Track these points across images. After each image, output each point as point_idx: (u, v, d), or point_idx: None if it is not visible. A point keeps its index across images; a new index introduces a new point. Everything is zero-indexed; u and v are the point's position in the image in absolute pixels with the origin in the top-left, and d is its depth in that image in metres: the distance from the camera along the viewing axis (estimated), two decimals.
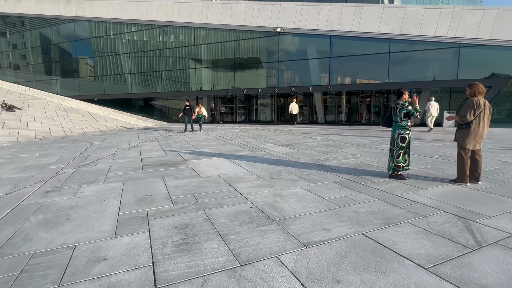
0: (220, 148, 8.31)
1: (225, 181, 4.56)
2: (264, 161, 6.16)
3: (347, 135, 11.48)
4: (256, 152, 7.49)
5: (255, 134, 12.36)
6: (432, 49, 14.73)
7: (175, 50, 21.84)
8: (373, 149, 7.65)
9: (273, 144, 9.04)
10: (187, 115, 13.66)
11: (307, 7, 16.80)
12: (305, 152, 7.29)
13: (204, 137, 11.33)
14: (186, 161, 6.28)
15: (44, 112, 16.88)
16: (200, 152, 7.55)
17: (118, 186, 4.39)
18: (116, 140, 10.59)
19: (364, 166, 5.58)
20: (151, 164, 6.08)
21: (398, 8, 14.91)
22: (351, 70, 17.30)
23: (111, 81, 25.05)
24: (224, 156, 6.93)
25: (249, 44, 19.44)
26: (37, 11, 26.35)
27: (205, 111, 14.31)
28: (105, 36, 24.02)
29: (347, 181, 4.46)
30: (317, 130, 14.00)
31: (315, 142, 9.41)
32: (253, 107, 23.64)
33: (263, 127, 17.03)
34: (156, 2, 21.22)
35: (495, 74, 14.25)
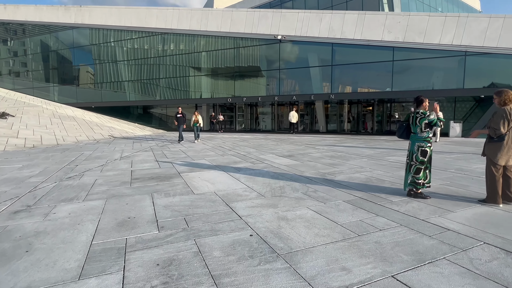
0: (218, 159, 7.78)
1: (222, 199, 4.02)
2: (265, 175, 5.62)
3: (351, 146, 10.97)
4: (257, 164, 6.96)
5: (255, 144, 11.84)
6: (436, 57, 14.38)
7: (174, 57, 21.53)
8: (382, 161, 7.12)
9: (274, 155, 8.51)
10: (180, 123, 12.81)
11: (308, 14, 16.54)
12: (309, 165, 6.76)
13: (202, 147, 10.81)
14: (180, 174, 5.74)
15: (38, 120, 16.39)
16: (196, 164, 7.01)
17: (99, 205, 3.84)
18: (108, 150, 10.05)
19: (376, 181, 5.05)
20: (141, 177, 5.53)
21: (401, 16, 14.62)
22: (353, 79, 16.94)
23: (109, 89, 24.67)
24: (222, 168, 6.39)
25: (249, 52, 19.13)
26: (36, 18, 26.18)
27: (201, 120, 13.31)
28: (103, 43, 23.76)
29: (361, 200, 3.91)
30: (319, 140, 13.50)
31: (318, 153, 8.89)
32: (253, 116, 23.23)
33: (263, 136, 16.54)
34: (155, 9, 21.01)
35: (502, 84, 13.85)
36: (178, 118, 12.77)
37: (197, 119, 12.99)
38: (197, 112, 13.28)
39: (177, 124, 12.83)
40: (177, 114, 12.82)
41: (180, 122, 12.75)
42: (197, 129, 13.06)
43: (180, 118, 12.78)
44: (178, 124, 12.80)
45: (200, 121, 13.09)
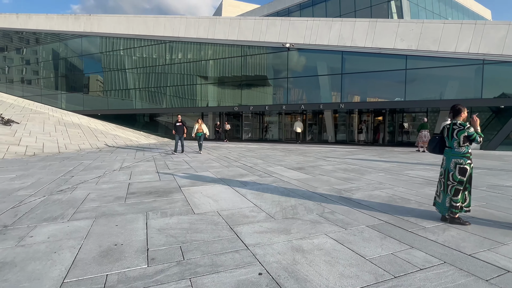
0: (223, 171, 7.27)
1: (226, 221, 3.49)
2: (274, 191, 5.08)
3: (364, 158, 10.36)
4: (264, 177, 6.42)
5: (262, 154, 11.32)
6: (452, 66, 13.79)
7: (181, 65, 21.38)
8: (401, 176, 6.51)
9: (282, 167, 7.97)
10: (178, 133, 11.54)
11: (317, 22, 16.20)
12: (322, 179, 6.19)
13: (206, 157, 10.33)
14: (181, 189, 5.24)
15: (42, 127, 16.21)
16: (199, 177, 6.51)
17: (85, 226, 3.35)
18: (109, 159, 9.65)
19: (400, 201, 4.46)
20: (138, 191, 5.04)
21: (415, 23, 14.15)
22: (363, 87, 16.41)
23: (115, 96, 24.61)
24: (227, 182, 5.87)
25: (257, 60, 18.83)
26: (47, 27, 26.52)
27: (206, 129, 12.02)
28: (111, 51, 23.82)
29: (388, 226, 3.34)
30: (329, 151, 12.91)
31: (330, 165, 8.31)
32: (260, 125, 22.78)
33: (270, 146, 16.02)
34: (163, 18, 21.01)
35: None
36: (177, 127, 11.55)
37: (201, 128, 11.93)
38: (200, 120, 12.15)
39: (175, 133, 11.61)
40: (176, 123, 11.59)
41: (179, 131, 11.55)
42: (200, 139, 11.97)
43: (179, 127, 11.56)
44: (176, 133, 11.58)
45: (205, 130, 11.96)
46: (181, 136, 11.60)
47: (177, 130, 11.53)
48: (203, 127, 12.01)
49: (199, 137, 11.98)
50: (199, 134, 11.93)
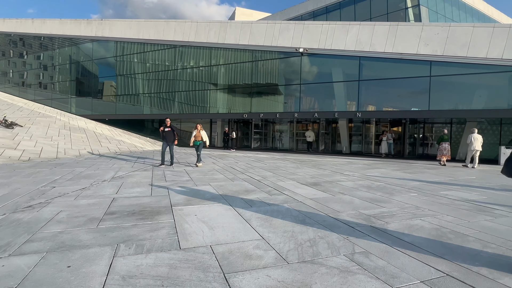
0: (226, 185, 6.31)
1: (219, 265, 2.51)
2: (286, 215, 4.08)
3: (386, 172, 9.22)
4: (274, 195, 5.42)
5: (271, 166, 10.33)
6: (483, 73, 12.57)
7: (190, 71, 20.82)
8: (439, 198, 5.39)
9: (295, 182, 6.95)
10: (166, 140, 9.48)
11: (333, 26, 15.32)
12: (344, 200, 5.15)
13: (210, 168, 9.41)
14: (172, 208, 4.31)
15: (46, 131, 15.74)
16: (198, 192, 5.56)
17: (25, 266, 2.43)
18: (105, 167, 8.86)
19: (453, 236, 3.37)
20: (119, 211, 4.13)
21: (440, 27, 13.07)
22: (383, 95, 15.29)
23: (123, 101, 24.23)
24: (229, 200, 4.91)
25: (269, 65, 18.03)
26: (60, 31, 26.67)
27: (206, 136, 9.83)
28: (121, 56, 23.58)
29: (454, 284, 2.28)
30: (345, 163, 11.80)
31: (350, 181, 7.24)
32: (270, 133, 21.84)
33: (281, 155, 15.00)
34: (174, 22, 20.60)
35: None
36: (166, 133, 9.45)
37: (199, 135, 9.67)
38: (200, 125, 9.90)
39: (164, 141, 9.57)
40: (165, 128, 9.50)
41: (167, 138, 9.49)
42: (198, 149, 9.70)
43: (168, 134, 9.51)
44: (166, 141, 9.52)
45: (204, 138, 9.74)
46: (171, 145, 9.57)
47: (165, 136, 9.52)
48: (203, 134, 9.81)
49: (197, 146, 9.72)
50: (197, 142, 9.68)
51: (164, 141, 9.60)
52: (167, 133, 9.56)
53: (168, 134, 9.56)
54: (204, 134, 9.82)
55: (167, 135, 9.56)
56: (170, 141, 9.54)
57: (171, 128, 9.61)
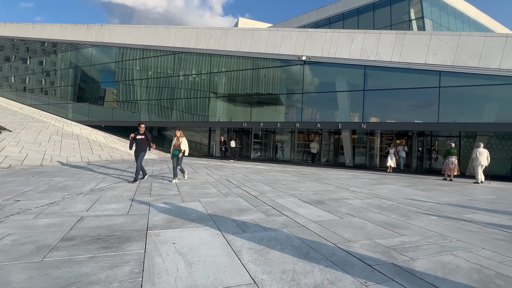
0: (218, 202, 5.54)
1: None
2: (286, 246, 3.30)
3: (395, 189, 8.43)
4: (272, 216, 4.64)
5: (271, 179, 9.55)
6: (496, 85, 11.92)
7: (190, 77, 20.28)
8: (466, 225, 4.60)
9: (296, 199, 6.17)
10: (137, 150, 7.70)
11: (338, 34, 14.80)
12: (354, 223, 4.37)
13: (203, 179, 8.64)
14: (148, 233, 3.54)
15: (36, 136, 15.05)
16: (183, 210, 4.79)
17: None
18: (88, 177, 8.10)
19: (503, 284, 2.59)
20: (81, 235, 3.37)
21: (450, 36, 12.51)
22: (389, 106, 14.60)
23: (121, 108, 23.65)
24: (219, 222, 4.13)
25: (270, 74, 17.47)
26: (60, 36, 26.38)
27: (186, 145, 8.22)
28: (120, 61, 23.14)
29: None
30: (350, 177, 11.01)
31: (357, 199, 6.46)
32: (270, 143, 21.10)
33: (281, 167, 14.23)
34: (174, 29, 20.21)
35: None
36: (138, 142, 7.70)
37: (178, 143, 8.08)
38: (179, 132, 8.23)
39: (135, 150, 7.76)
40: (137, 135, 7.72)
41: (140, 147, 7.71)
42: (178, 161, 8.09)
43: (141, 142, 7.70)
44: (136, 151, 7.73)
45: (183, 146, 8.11)
46: (140, 155, 7.67)
47: (137, 145, 7.71)
48: (183, 142, 8.13)
49: (175, 157, 8.06)
50: (176, 152, 8.07)
51: (136, 151, 7.74)
52: (139, 142, 7.73)
53: (141, 142, 7.74)
54: (184, 142, 8.18)
55: (138, 144, 7.72)
56: (141, 151, 7.72)
57: (145, 136, 7.79)
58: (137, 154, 7.70)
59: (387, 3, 26.58)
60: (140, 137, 7.73)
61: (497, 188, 9.60)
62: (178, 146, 8.09)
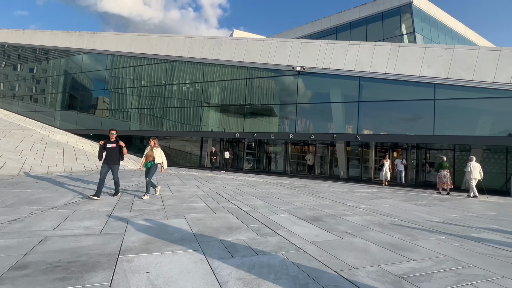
0: (206, 218, 5.03)
1: None
2: (281, 276, 2.82)
3: (394, 204, 8.04)
4: (264, 236, 4.16)
5: (263, 192, 9.07)
6: (491, 98, 11.86)
7: (182, 86, 19.90)
8: (478, 246, 4.20)
9: (291, 215, 5.71)
10: (108, 161, 6.49)
11: (332, 45, 14.72)
12: (356, 245, 3.92)
13: (192, 192, 8.11)
14: (119, 258, 3.02)
15: (17, 144, 14.30)
16: (165, 229, 4.27)
17: None
18: (65, 188, 7.49)
19: None
20: (37, 262, 2.83)
21: (444, 49, 12.51)
22: (384, 118, 14.42)
23: (110, 116, 23.02)
24: (204, 244, 3.63)
25: (264, 84, 17.24)
26: (50, 43, 25.88)
27: (162, 156, 7.08)
28: (111, 69, 22.68)
29: None
30: (345, 190, 10.61)
31: (356, 215, 6.03)
32: (264, 155, 20.68)
33: (274, 179, 13.77)
34: (167, 37, 19.97)
35: None
36: (109, 150, 6.49)
37: (152, 154, 6.90)
38: (154, 141, 7.02)
39: (105, 161, 6.51)
40: (107, 143, 6.50)
41: (111, 158, 6.50)
42: (150, 172, 6.91)
43: (112, 152, 6.52)
44: (106, 162, 6.50)
45: (158, 159, 6.94)
46: (114, 167, 6.58)
47: (107, 155, 6.48)
48: (157, 153, 6.94)
49: (148, 170, 6.94)
50: (148, 164, 6.93)
51: (105, 162, 6.48)
52: (110, 151, 6.47)
53: (112, 152, 6.50)
54: (158, 153, 6.95)
55: (110, 153, 6.48)
56: (113, 162, 6.54)
57: (116, 144, 6.56)
58: (108, 165, 6.47)
59: (379, 18, 27.04)
60: (111, 145, 6.50)
61: (496, 203, 9.31)
62: (151, 157, 6.92)
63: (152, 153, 6.92)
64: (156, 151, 6.99)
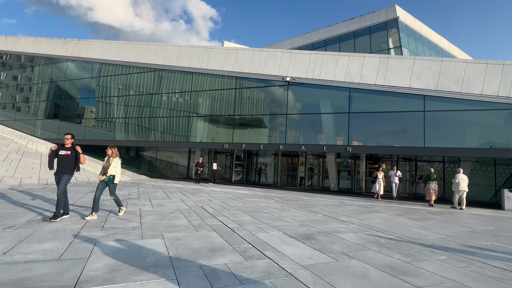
0: (186, 238, 4.52)
1: None
2: None
3: (389, 219, 7.70)
4: (251, 260, 3.69)
5: (251, 206, 8.59)
6: (479, 110, 11.90)
7: (170, 96, 19.43)
8: (484, 268, 3.84)
9: (281, 232, 5.25)
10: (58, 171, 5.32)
11: (322, 56, 14.67)
12: (354, 269, 3.49)
13: (175, 207, 7.55)
14: None
15: None
16: (137, 252, 3.74)
17: None
18: (33, 204, 6.82)
19: None
20: None
21: (432, 61, 12.59)
22: (374, 129, 14.29)
23: (95, 126, 22.20)
24: (181, 270, 3.13)
25: (253, 94, 16.98)
26: (34, 50, 25.09)
27: (118, 170, 5.85)
28: (97, 77, 22.03)
29: None
30: (337, 204, 10.24)
31: (350, 232, 5.63)
32: (253, 166, 20.23)
33: (264, 192, 13.29)
34: (155, 46, 19.60)
35: None
36: (60, 158, 5.34)
37: (108, 165, 5.77)
38: (112, 149, 5.95)
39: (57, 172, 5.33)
40: (60, 150, 5.39)
41: (62, 167, 5.31)
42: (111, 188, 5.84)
43: (65, 160, 5.34)
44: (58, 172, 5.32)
45: (112, 170, 5.75)
46: (62, 177, 5.27)
47: (58, 164, 5.32)
48: (113, 164, 5.80)
49: (103, 183, 5.75)
50: (106, 179, 5.73)
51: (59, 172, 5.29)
52: (61, 159, 5.30)
53: (63, 160, 5.30)
54: (114, 163, 5.80)
55: (61, 162, 5.30)
56: (62, 171, 5.28)
57: (71, 152, 5.39)
58: (58, 176, 5.29)
59: (367, 32, 27.60)
60: (64, 152, 5.32)
61: (490, 217, 9.11)
62: (107, 169, 5.75)
63: (108, 163, 5.78)
64: (113, 161, 5.82)
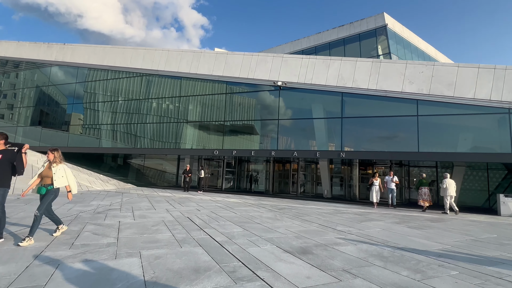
0: (167, 256, 3.97)
1: None
2: None
3: (387, 228, 7.30)
4: (240, 282, 3.18)
5: (242, 216, 8.07)
6: (472, 114, 11.79)
7: (158, 101, 18.83)
8: (501, 285, 3.45)
9: (274, 246, 4.75)
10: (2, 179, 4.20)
11: (313, 60, 14.44)
12: None
13: (159, 218, 6.96)
14: None
15: None
16: (107, 276, 3.18)
17: None
18: None
19: None
20: None
21: (424, 65, 12.49)
22: (367, 134, 14.02)
23: (80, 133, 21.33)
24: None
25: (244, 99, 16.58)
26: (16, 54, 24.16)
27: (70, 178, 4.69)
28: (82, 82, 21.26)
29: None
30: (332, 212, 9.81)
31: (350, 243, 5.18)
32: (244, 173, 19.71)
33: (256, 200, 12.78)
34: (142, 50, 19.07)
35: None
36: None
37: (48, 174, 4.54)
38: (55, 153, 4.67)
39: None
40: None
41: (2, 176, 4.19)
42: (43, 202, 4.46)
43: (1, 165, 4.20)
44: None
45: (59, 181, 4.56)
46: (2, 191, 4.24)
47: None
48: (58, 172, 4.59)
49: (42, 196, 4.53)
50: (42, 190, 4.51)
51: None
52: None
53: None
54: (61, 172, 4.59)
55: None
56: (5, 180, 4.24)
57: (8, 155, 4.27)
58: None
59: (356, 39, 27.76)
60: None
61: (489, 224, 8.83)
62: (48, 179, 4.52)
63: (50, 172, 4.50)
64: (57, 169, 4.56)
